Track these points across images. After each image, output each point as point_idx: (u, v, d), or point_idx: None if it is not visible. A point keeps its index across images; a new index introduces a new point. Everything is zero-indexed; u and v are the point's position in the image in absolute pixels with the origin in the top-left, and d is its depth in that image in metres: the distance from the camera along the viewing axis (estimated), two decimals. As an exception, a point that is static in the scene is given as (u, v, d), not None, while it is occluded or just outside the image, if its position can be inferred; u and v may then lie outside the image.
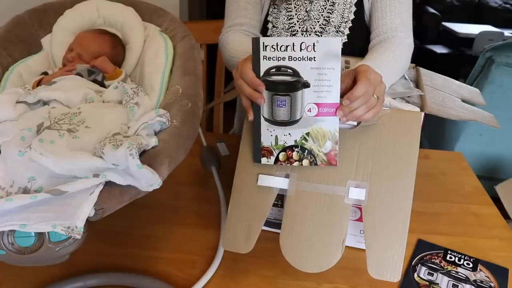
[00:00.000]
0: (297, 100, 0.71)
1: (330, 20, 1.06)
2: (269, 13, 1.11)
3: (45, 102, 0.83)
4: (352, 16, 1.06)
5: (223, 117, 1.61)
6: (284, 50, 0.69)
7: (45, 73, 0.97)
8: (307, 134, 0.72)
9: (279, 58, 0.70)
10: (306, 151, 0.73)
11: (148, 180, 0.63)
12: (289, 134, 0.73)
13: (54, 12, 1.05)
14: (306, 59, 0.69)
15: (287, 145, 0.74)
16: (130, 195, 0.64)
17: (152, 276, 0.76)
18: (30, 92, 0.86)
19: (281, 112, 0.72)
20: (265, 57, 0.70)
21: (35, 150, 0.65)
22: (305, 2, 1.07)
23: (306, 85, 0.70)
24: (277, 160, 0.75)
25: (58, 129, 0.72)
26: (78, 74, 0.93)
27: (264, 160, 0.76)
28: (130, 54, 1.03)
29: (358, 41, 1.06)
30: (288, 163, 0.75)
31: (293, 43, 0.69)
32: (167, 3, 1.41)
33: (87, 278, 0.75)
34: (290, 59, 0.69)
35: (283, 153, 0.74)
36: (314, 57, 0.69)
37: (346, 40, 1.06)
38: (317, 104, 0.71)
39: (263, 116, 0.74)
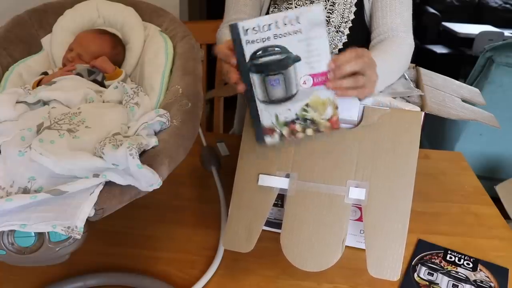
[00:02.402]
0: (290, 76, 0.70)
1: (330, 20, 1.06)
2: (269, 12, 1.11)
3: (45, 102, 0.83)
4: (352, 16, 1.06)
5: (223, 117, 1.61)
6: (267, 30, 0.67)
7: (45, 73, 0.97)
8: (307, 105, 0.71)
9: (264, 39, 0.68)
10: (308, 121, 0.72)
11: (148, 180, 0.63)
12: (289, 109, 0.72)
13: (54, 12, 1.05)
14: (292, 33, 0.67)
15: (288, 120, 0.73)
16: (130, 195, 0.64)
17: (152, 276, 0.76)
18: (30, 92, 0.86)
19: (276, 91, 0.71)
20: (248, 41, 0.68)
21: (35, 150, 0.65)
22: (306, 2, 1.07)
23: (296, 59, 0.69)
24: (281, 136, 0.74)
25: (58, 129, 0.72)
26: (78, 74, 0.93)
27: (268, 138, 0.74)
28: (130, 54, 1.03)
29: (358, 41, 1.06)
30: (293, 137, 0.74)
31: (276, 21, 0.66)
32: (167, 3, 1.41)
33: (87, 278, 0.75)
34: (275, 37, 0.67)
35: (285, 127, 0.73)
36: (300, 30, 0.67)
37: (346, 40, 1.06)
38: (311, 75, 0.69)
39: (258, 99, 0.72)
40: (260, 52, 0.69)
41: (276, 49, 0.68)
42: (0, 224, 0.58)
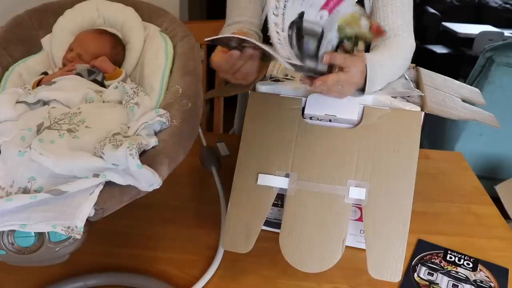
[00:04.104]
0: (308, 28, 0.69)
1: (330, 20, 1.06)
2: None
3: (45, 102, 0.83)
4: (352, 16, 1.06)
5: (223, 117, 1.61)
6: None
7: (45, 73, 0.97)
8: (340, 27, 0.70)
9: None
10: (352, 38, 0.72)
11: (148, 180, 0.63)
12: (329, 43, 0.71)
13: (54, 12, 1.05)
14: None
15: (335, 45, 0.72)
16: (130, 195, 0.64)
17: (152, 276, 0.76)
18: (30, 92, 0.86)
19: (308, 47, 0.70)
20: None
21: (35, 150, 0.65)
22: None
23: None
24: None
25: (58, 129, 0.72)
26: (78, 74, 0.93)
27: None
28: (130, 54, 1.03)
29: (358, 41, 1.06)
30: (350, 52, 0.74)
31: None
32: (167, 3, 1.41)
33: (87, 278, 0.75)
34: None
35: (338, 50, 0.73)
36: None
37: (346, 40, 1.06)
38: (322, 7, 0.68)
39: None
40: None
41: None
42: (0, 224, 0.58)
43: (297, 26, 0.68)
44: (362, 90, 0.81)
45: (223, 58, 0.77)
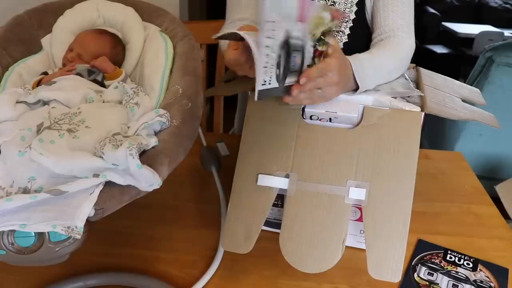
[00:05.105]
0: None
1: (330, 20, 1.06)
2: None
3: (45, 102, 0.83)
4: (353, 16, 1.06)
5: (223, 117, 1.61)
6: None
7: (45, 73, 0.97)
8: (311, 34, 0.69)
9: None
10: (323, 38, 0.71)
11: (148, 180, 0.63)
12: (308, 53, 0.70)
13: (54, 12, 1.05)
14: None
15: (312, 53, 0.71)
16: (130, 195, 0.64)
17: (152, 276, 0.76)
18: (30, 92, 0.86)
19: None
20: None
21: (35, 150, 0.65)
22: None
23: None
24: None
25: (58, 129, 0.72)
26: (78, 74, 0.93)
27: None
28: (130, 54, 1.03)
29: (359, 41, 1.06)
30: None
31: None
32: (167, 3, 1.41)
33: (87, 278, 0.75)
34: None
35: (316, 59, 0.72)
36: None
37: (347, 39, 1.06)
38: (299, 17, 0.67)
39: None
40: None
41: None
42: (0, 224, 0.58)
43: (286, 44, 0.67)
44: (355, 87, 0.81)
45: (236, 53, 0.74)
